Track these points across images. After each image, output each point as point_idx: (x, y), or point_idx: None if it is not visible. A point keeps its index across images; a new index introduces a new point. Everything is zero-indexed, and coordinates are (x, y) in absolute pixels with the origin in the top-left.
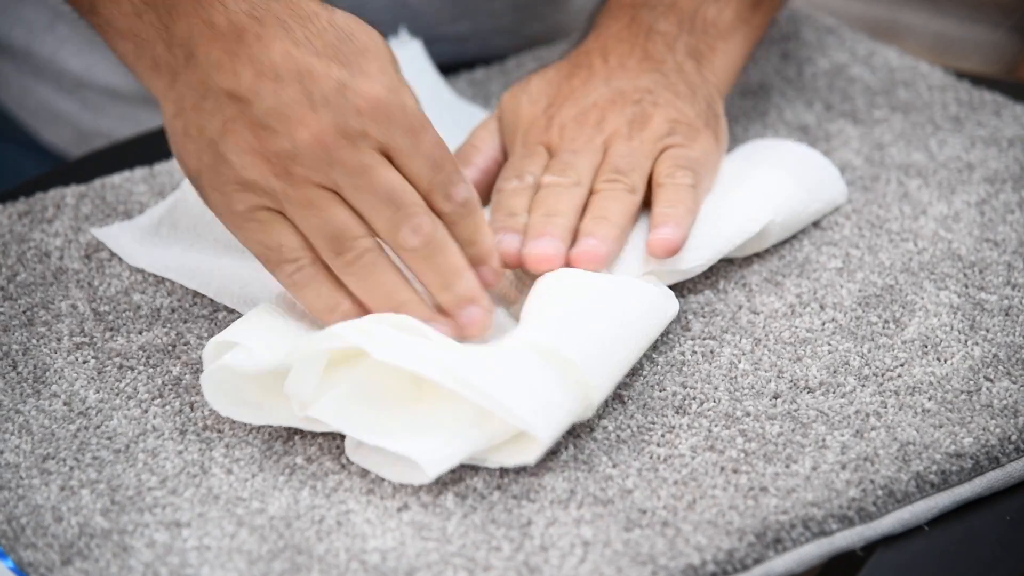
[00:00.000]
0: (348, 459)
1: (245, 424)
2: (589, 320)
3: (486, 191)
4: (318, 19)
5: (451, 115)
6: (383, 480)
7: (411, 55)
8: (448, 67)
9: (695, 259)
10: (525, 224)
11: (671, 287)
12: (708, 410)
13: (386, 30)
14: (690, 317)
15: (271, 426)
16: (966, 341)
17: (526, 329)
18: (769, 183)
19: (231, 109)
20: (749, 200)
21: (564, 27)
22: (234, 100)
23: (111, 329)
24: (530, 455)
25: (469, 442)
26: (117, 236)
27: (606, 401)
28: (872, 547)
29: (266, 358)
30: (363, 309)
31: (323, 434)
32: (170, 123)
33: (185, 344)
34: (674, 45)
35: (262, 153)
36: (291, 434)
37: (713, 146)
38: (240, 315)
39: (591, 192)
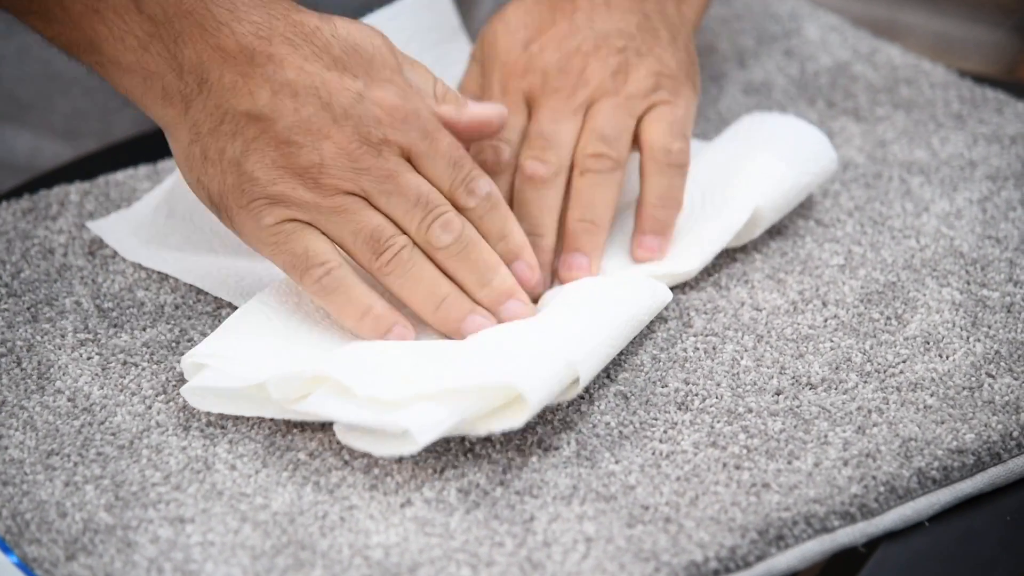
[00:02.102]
0: (351, 455)
1: (248, 420)
2: (574, 304)
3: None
4: (321, 34)
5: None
6: (386, 476)
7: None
8: None
9: (686, 263)
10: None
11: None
12: (710, 406)
13: None
14: (692, 314)
15: (274, 421)
16: (968, 338)
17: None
18: (754, 169)
19: (252, 129)
20: (735, 192)
21: None
22: (254, 120)
23: (115, 326)
24: (518, 419)
25: (457, 410)
26: (114, 229)
27: (608, 397)
28: (874, 544)
29: (242, 376)
30: (396, 311)
31: (325, 430)
32: (186, 150)
33: (189, 340)
34: None
35: (289, 168)
36: (291, 428)
37: (692, 97)
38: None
39: (573, 166)
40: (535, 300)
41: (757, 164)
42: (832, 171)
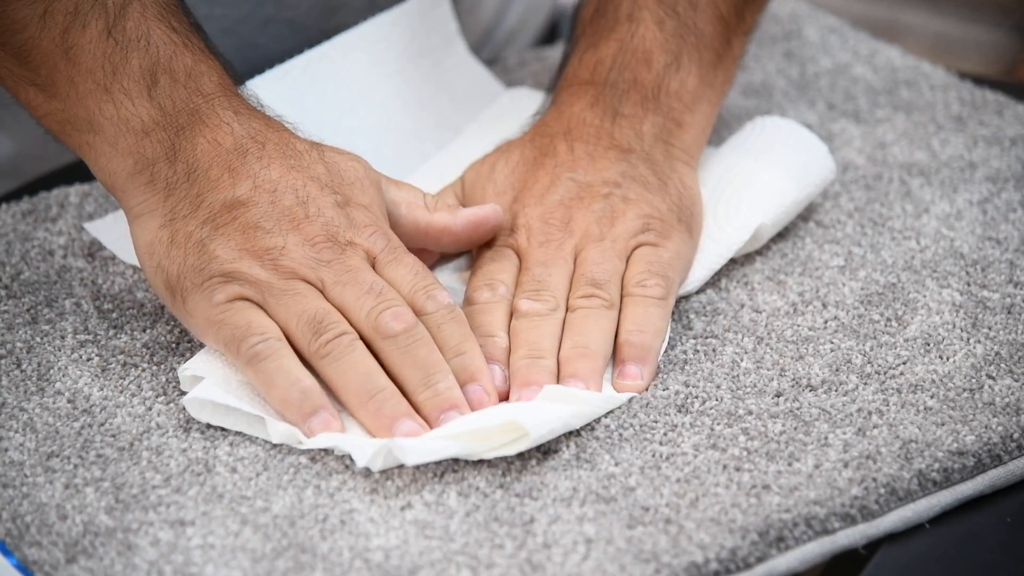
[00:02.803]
0: (351, 459)
1: None
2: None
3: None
4: (309, 154)
5: (460, 74)
6: (387, 479)
7: (433, 2)
8: None
9: (690, 281)
10: (504, 348)
11: None
12: (710, 408)
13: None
14: (692, 316)
15: None
16: (968, 339)
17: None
18: (760, 186)
19: (225, 216)
20: (740, 209)
21: None
22: (229, 208)
23: (115, 327)
24: (512, 449)
25: (456, 446)
26: (110, 230)
27: None
28: (874, 546)
29: (240, 396)
30: (324, 393)
31: None
32: (153, 235)
33: (189, 341)
34: (641, 129)
35: (250, 250)
36: None
37: (687, 242)
38: None
39: (567, 307)
40: None
41: (763, 181)
42: (830, 181)
